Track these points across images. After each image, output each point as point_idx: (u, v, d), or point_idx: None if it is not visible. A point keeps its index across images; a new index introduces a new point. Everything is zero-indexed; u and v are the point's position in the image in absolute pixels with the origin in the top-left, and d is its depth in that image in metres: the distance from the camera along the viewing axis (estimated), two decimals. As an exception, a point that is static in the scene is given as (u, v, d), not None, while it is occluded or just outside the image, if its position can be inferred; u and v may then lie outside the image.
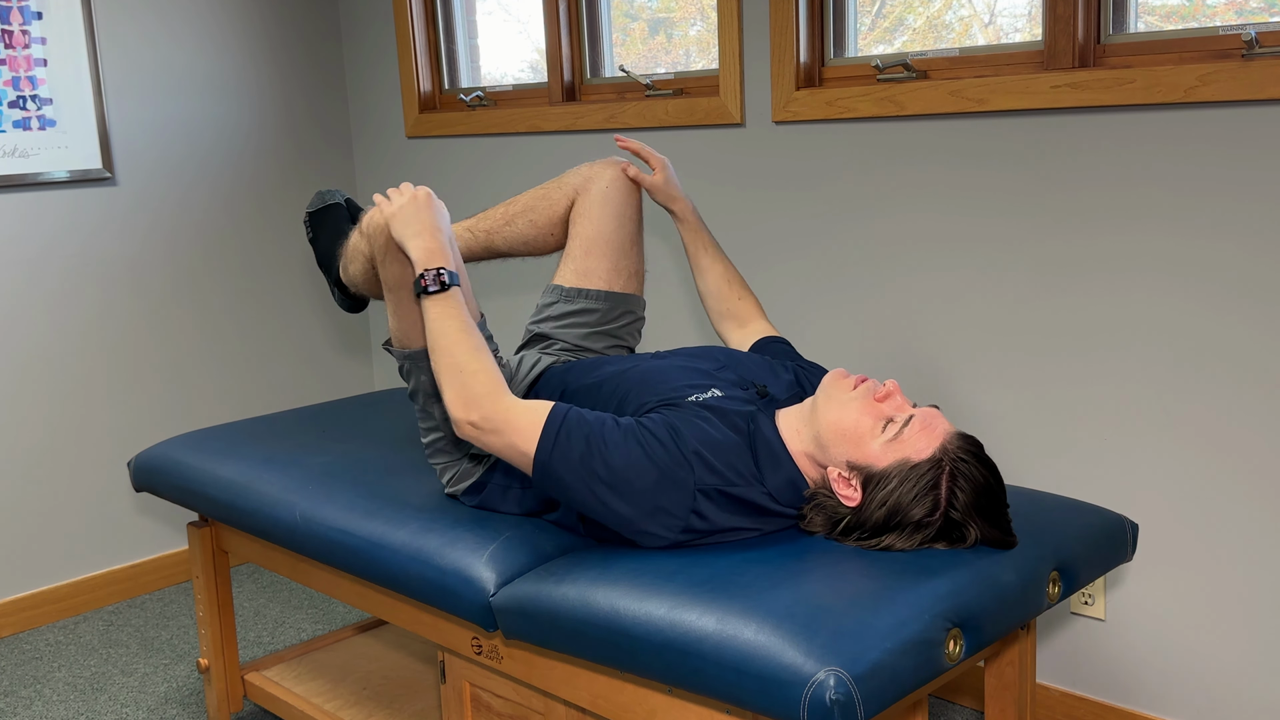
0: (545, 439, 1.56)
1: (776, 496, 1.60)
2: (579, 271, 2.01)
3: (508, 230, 2.06)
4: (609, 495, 1.55)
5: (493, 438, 1.59)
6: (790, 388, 1.80)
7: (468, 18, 3.31)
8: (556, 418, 1.58)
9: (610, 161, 2.04)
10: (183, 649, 2.87)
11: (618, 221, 2.02)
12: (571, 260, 2.02)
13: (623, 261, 2.03)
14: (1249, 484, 2.02)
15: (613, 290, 2.02)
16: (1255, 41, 1.88)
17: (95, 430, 3.12)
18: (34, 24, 2.91)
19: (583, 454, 1.55)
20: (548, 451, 1.56)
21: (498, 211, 2.08)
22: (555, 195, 2.05)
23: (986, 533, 1.54)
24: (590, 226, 2.01)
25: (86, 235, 3.06)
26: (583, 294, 2.01)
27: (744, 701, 1.33)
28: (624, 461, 1.54)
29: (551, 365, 1.93)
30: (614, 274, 2.02)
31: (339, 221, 2.19)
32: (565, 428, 1.56)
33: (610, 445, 1.55)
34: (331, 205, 2.20)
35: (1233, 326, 1.99)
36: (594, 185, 2.02)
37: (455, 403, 1.60)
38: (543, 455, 1.56)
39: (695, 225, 2.06)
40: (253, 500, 2.05)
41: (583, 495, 1.56)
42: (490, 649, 1.73)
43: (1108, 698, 2.25)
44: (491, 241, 2.07)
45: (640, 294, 2.07)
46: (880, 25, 2.46)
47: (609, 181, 2.02)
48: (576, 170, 2.05)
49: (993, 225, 2.25)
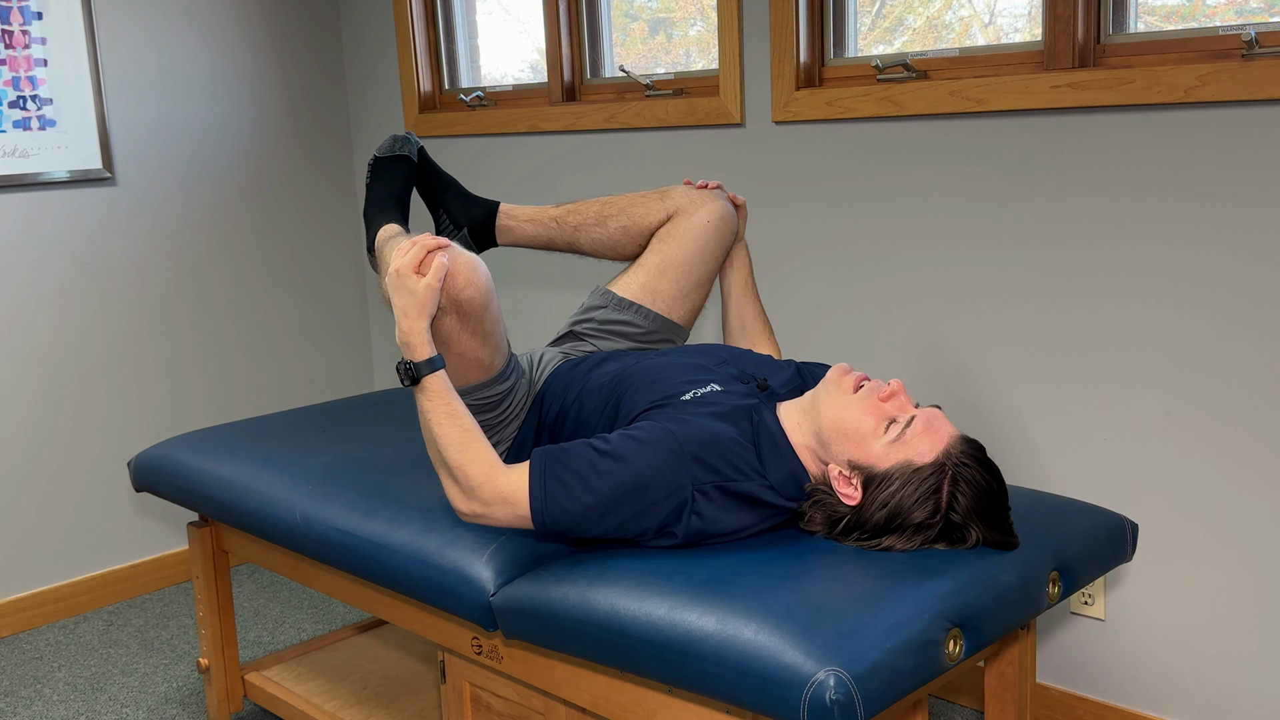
0: (534, 494, 1.57)
1: (778, 489, 1.60)
2: (645, 287, 1.98)
3: (598, 231, 2.02)
4: (610, 521, 1.56)
5: (498, 512, 1.61)
6: (791, 381, 1.80)
7: (468, 18, 3.31)
8: (537, 470, 1.58)
9: (718, 195, 2.00)
10: (183, 649, 2.87)
11: (702, 256, 1.97)
12: (641, 273, 1.98)
13: (690, 295, 1.99)
14: (1249, 484, 2.02)
15: (666, 316, 1.99)
16: (1255, 41, 1.88)
17: (95, 430, 3.12)
18: (34, 24, 2.91)
19: (572, 494, 1.55)
20: (540, 508, 1.57)
21: (591, 209, 2.03)
22: (654, 207, 2.00)
23: (988, 535, 1.54)
24: (676, 249, 1.97)
25: (87, 235, 3.06)
26: (633, 308, 1.98)
27: (744, 701, 1.33)
28: (614, 486, 1.54)
29: (558, 364, 1.92)
30: (676, 303, 1.99)
31: (399, 179, 2.07)
32: (548, 473, 1.57)
33: (597, 474, 1.55)
34: (399, 157, 2.08)
35: (1233, 326, 1.99)
36: (698, 212, 1.97)
37: (453, 497, 1.65)
38: (537, 510, 1.57)
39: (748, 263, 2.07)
40: (253, 500, 2.05)
41: (587, 529, 1.57)
42: (490, 649, 1.73)
43: (1108, 698, 2.25)
44: (576, 238, 2.04)
45: (689, 330, 2.05)
46: (880, 25, 2.46)
47: (711, 215, 1.97)
48: (684, 190, 2.01)
49: (992, 225, 2.25)
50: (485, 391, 1.79)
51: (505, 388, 1.81)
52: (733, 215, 2.00)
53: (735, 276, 2.06)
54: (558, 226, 2.04)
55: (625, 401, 1.72)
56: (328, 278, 3.58)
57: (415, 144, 2.08)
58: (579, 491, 1.54)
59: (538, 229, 2.06)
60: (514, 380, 1.83)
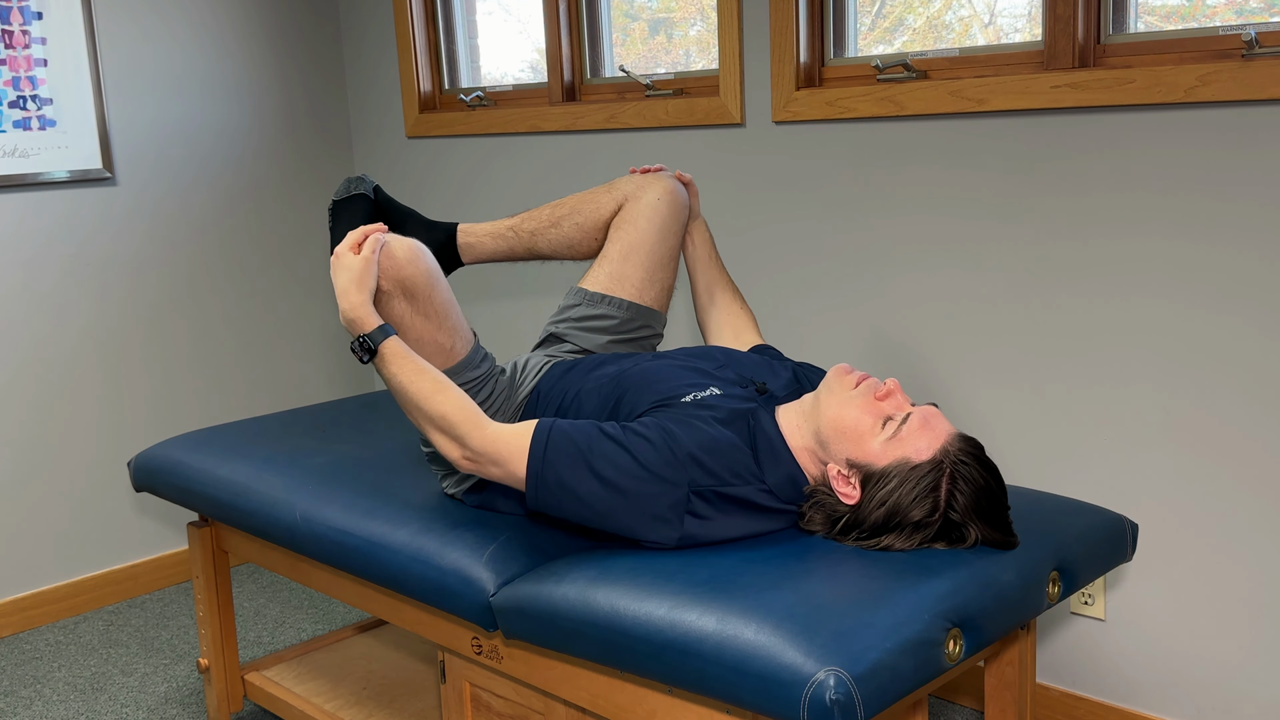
0: (533, 460, 1.56)
1: (776, 493, 1.60)
2: (613, 276, 2.00)
3: (553, 232, 2.05)
4: (603, 506, 1.55)
5: (492, 468, 1.61)
6: (789, 384, 1.80)
7: (468, 18, 3.31)
8: (541, 436, 1.57)
9: (664, 175, 2.03)
10: (183, 649, 2.87)
11: (661, 234, 2.00)
12: (607, 264, 2.01)
13: (657, 274, 2.01)
14: (1249, 484, 2.02)
15: (638, 302, 2.00)
16: (1255, 41, 1.88)
17: (95, 430, 3.12)
18: (34, 24, 2.91)
19: (571, 468, 1.55)
20: (537, 472, 1.56)
21: (544, 213, 2.06)
22: (603, 200, 2.03)
23: (987, 534, 1.54)
24: (634, 234, 1.99)
25: (86, 235, 3.06)
26: (606, 300, 2.00)
27: (744, 701, 1.33)
28: (614, 471, 1.54)
29: (553, 364, 1.93)
30: (645, 285, 2.01)
31: (360, 215, 2.14)
32: (550, 444, 1.56)
33: (599, 455, 1.55)
34: (356, 196, 2.14)
35: (1233, 327, 1.99)
36: (645, 194, 2.00)
37: (443, 446, 1.64)
38: (533, 475, 1.57)
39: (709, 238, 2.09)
40: (253, 500, 2.05)
41: (578, 509, 1.57)
42: (490, 649, 1.73)
43: (1108, 698, 2.25)
44: (535, 243, 2.06)
45: (664, 311, 2.06)
46: (880, 25, 2.46)
47: (661, 193, 2.00)
48: (629, 178, 2.04)
49: (992, 225, 2.25)
50: (456, 380, 1.80)
51: (479, 374, 1.82)
52: (681, 191, 2.02)
53: (698, 251, 2.08)
54: (515, 236, 2.07)
55: (625, 402, 1.72)
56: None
57: (370, 182, 2.14)
58: (579, 469, 1.55)
59: (497, 242, 2.08)
60: (487, 369, 1.84)
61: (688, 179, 2.07)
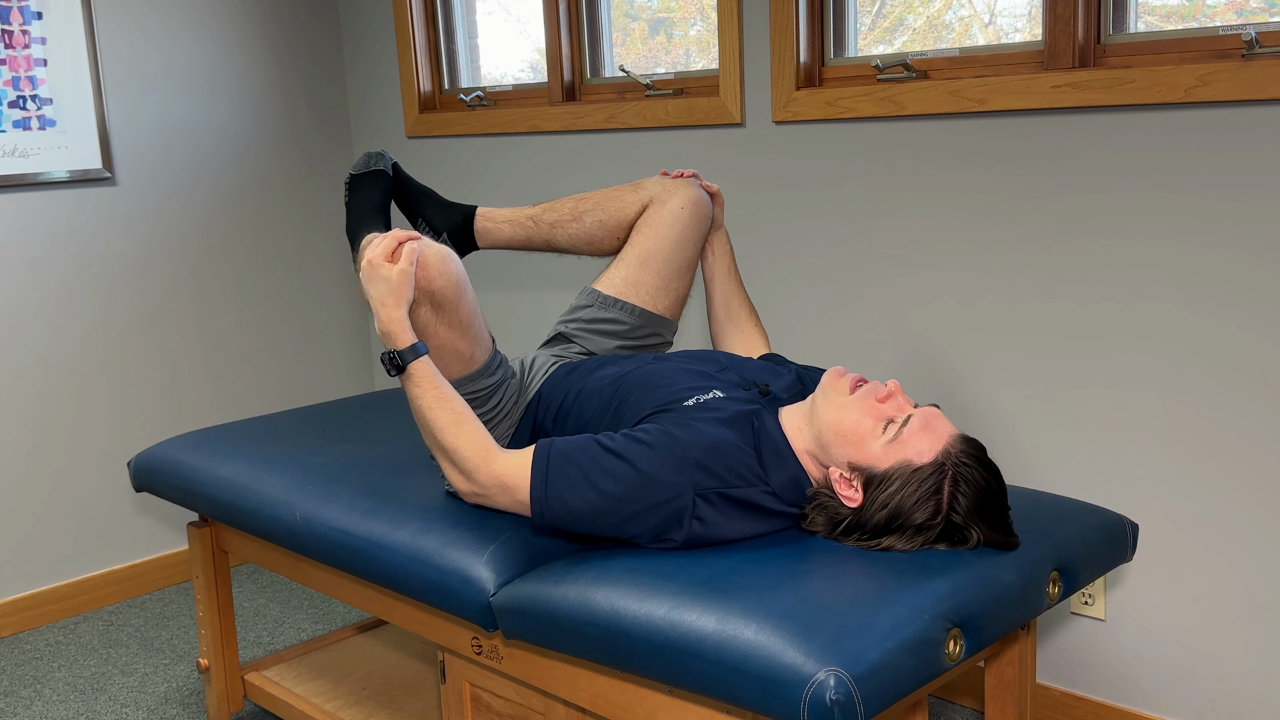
0: (535, 485, 1.57)
1: (780, 494, 1.60)
2: (628, 280, 1.99)
3: (574, 227, 2.04)
4: (610, 520, 1.56)
5: (499, 497, 1.62)
6: (792, 386, 1.80)
7: (468, 18, 3.31)
8: (540, 459, 1.58)
9: (691, 182, 2.02)
10: (183, 649, 2.87)
11: (680, 243, 1.99)
12: (623, 267, 2.00)
13: (673, 283, 2.00)
14: (1249, 485, 2.02)
15: (650, 309, 2.00)
16: (1255, 41, 1.88)
17: (95, 430, 3.12)
18: (34, 24, 2.91)
19: (573, 488, 1.55)
20: (540, 497, 1.57)
21: (566, 206, 2.05)
22: (629, 199, 2.01)
23: (988, 535, 1.53)
24: (653, 239, 1.98)
25: (86, 235, 3.06)
26: (618, 305, 1.99)
27: (744, 701, 1.33)
28: (615, 484, 1.54)
29: (557, 365, 1.92)
30: (659, 292, 2.00)
31: (377, 192, 2.10)
32: (551, 466, 1.57)
33: (599, 470, 1.55)
34: (374, 172, 2.10)
35: (1233, 327, 1.99)
36: (671, 200, 1.99)
37: (451, 476, 1.66)
38: (536, 501, 1.57)
39: (729, 250, 2.08)
40: (253, 500, 2.05)
41: (585, 526, 1.57)
42: (490, 649, 1.73)
43: (1108, 698, 2.25)
44: (554, 235, 2.05)
45: (676, 320, 2.05)
46: (880, 25, 2.46)
47: (685, 201, 1.99)
48: (656, 180, 2.02)
49: (993, 225, 2.25)
50: (471, 386, 1.79)
51: (492, 382, 1.82)
52: (706, 201, 2.02)
53: (717, 264, 2.07)
54: (534, 225, 2.05)
55: (628, 405, 1.72)
56: (327, 277, 3.58)
57: (389, 159, 2.11)
58: (581, 487, 1.55)
59: (515, 229, 2.07)
60: (501, 375, 1.84)
61: (714, 189, 2.05)
